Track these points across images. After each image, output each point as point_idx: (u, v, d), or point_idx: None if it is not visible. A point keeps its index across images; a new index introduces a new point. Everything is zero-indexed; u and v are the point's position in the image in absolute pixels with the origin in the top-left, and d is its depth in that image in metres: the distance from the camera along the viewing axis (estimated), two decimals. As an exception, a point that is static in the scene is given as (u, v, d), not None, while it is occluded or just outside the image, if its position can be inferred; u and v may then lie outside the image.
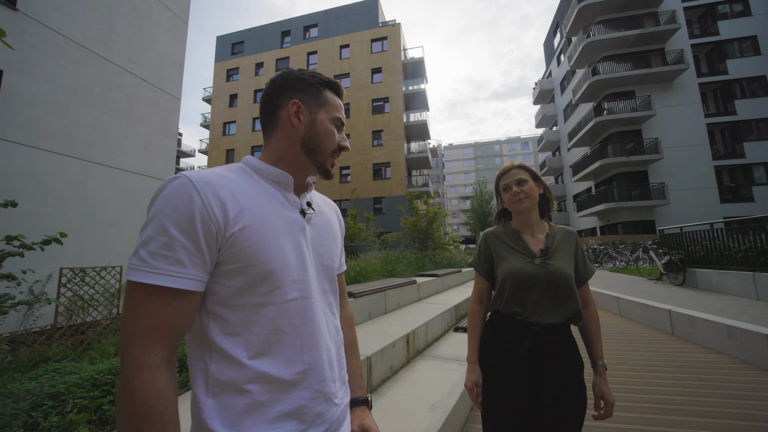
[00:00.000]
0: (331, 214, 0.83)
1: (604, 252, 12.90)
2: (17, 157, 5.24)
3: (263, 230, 0.59)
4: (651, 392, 2.71)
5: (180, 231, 0.52)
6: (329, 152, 0.71)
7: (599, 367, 1.13)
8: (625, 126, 20.23)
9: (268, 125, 0.70)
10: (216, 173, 0.60)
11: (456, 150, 66.40)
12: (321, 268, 0.70)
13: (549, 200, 1.28)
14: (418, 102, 25.74)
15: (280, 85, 0.70)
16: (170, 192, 0.54)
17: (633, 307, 5.45)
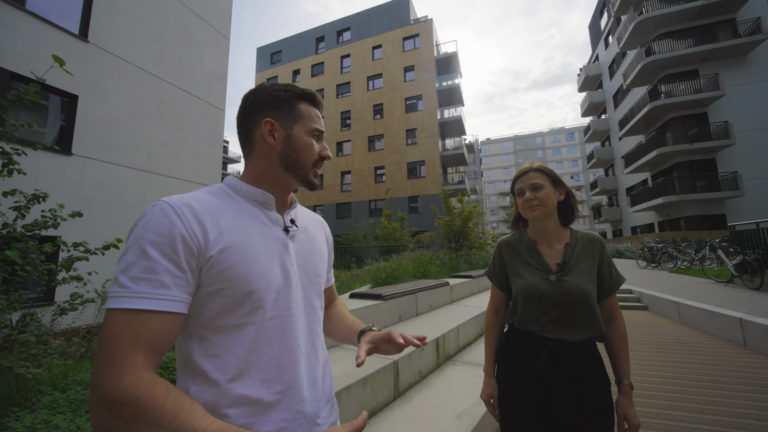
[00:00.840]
0: (318, 231, 0.82)
1: (663, 251, 11.68)
2: (91, 171, 5.98)
3: (243, 250, 0.59)
4: (716, 412, 2.42)
5: (161, 254, 0.52)
6: (310, 165, 0.71)
7: (624, 386, 1.04)
8: (686, 110, 18.14)
9: (245, 145, 0.71)
10: (195, 197, 0.60)
11: (494, 144, 63.96)
12: (308, 284, 0.70)
13: (572, 207, 1.18)
14: (453, 97, 25.17)
15: (252, 104, 0.69)
16: (150, 218, 0.54)
17: (696, 314, 4.89)
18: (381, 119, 24.09)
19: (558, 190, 1.14)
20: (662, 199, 17.65)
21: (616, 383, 1.06)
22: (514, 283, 1.14)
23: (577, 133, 56.99)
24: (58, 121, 5.79)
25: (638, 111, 19.52)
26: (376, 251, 10.35)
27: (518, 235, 1.23)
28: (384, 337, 0.76)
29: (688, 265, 10.75)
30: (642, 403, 2.58)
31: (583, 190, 54.85)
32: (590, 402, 0.99)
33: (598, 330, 1.04)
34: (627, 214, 25.16)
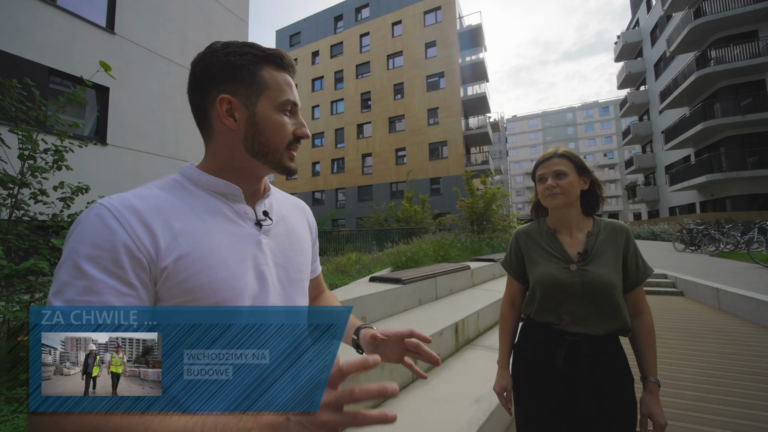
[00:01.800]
0: (298, 217, 0.72)
1: (703, 233, 10.91)
2: (125, 160, 6.31)
3: (205, 256, 0.50)
4: (754, 407, 2.29)
5: (102, 270, 0.43)
6: (283, 148, 0.58)
7: (650, 383, 0.99)
8: (739, 77, 16.34)
9: (202, 128, 0.59)
10: (141, 194, 0.50)
11: (521, 122, 61.03)
12: (288, 283, 0.61)
13: (598, 196, 1.10)
14: (477, 73, 24.06)
15: (202, 77, 0.56)
16: (85, 227, 0.45)
17: (738, 301, 4.58)
18: (402, 99, 23.54)
19: (583, 179, 1.07)
20: (706, 177, 16.32)
21: (642, 380, 1.01)
22: (532, 273, 1.10)
23: (612, 107, 53.10)
24: (94, 113, 6.10)
25: (683, 81, 17.83)
26: (397, 234, 10.38)
27: (537, 224, 1.17)
28: (404, 334, 0.65)
29: (732, 249, 10.01)
30: (672, 394, 2.49)
31: (617, 168, 51.70)
32: (610, 399, 0.96)
33: (621, 323, 0.99)
34: (665, 193, 23.56)
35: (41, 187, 2.24)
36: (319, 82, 27.47)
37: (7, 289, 1.88)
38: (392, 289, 3.38)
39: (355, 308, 2.88)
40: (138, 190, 0.52)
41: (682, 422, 2.14)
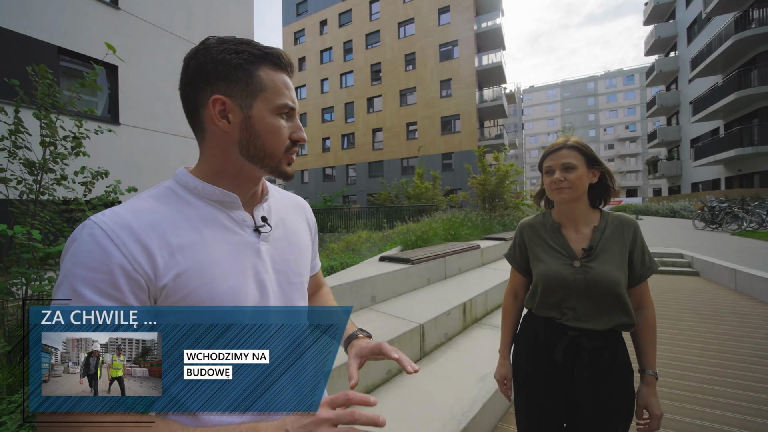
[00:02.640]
0: (297, 218, 0.71)
1: (726, 210, 10.50)
2: (139, 139, 6.39)
3: (204, 271, 0.50)
4: (760, 390, 2.30)
5: (99, 293, 0.43)
6: (280, 154, 0.56)
7: (648, 375, 1.00)
8: (785, 40, 14.98)
9: (195, 127, 0.56)
10: (135, 209, 0.49)
11: (538, 93, 58.22)
12: (287, 287, 0.61)
13: (608, 188, 1.06)
14: (493, 41, 22.76)
15: (195, 74, 0.53)
16: (79, 247, 0.44)
17: (756, 283, 4.48)
18: (413, 70, 22.66)
19: (592, 171, 1.03)
20: (735, 152, 15.47)
21: (640, 372, 1.03)
22: (535, 268, 1.09)
23: (638, 75, 49.82)
24: (105, 92, 6.13)
25: (718, 45, 16.46)
26: (408, 212, 10.37)
27: (542, 217, 1.15)
28: (374, 349, 0.65)
29: (756, 227, 9.66)
30: (678, 375, 2.52)
31: (639, 141, 49.38)
32: (609, 391, 0.98)
33: (625, 319, 0.99)
34: (688, 168, 22.54)
35: (63, 173, 2.31)
36: (327, 53, 26.59)
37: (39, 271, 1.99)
38: (401, 269, 3.43)
39: (364, 288, 2.96)
40: (132, 204, 0.50)
41: (686, 403, 2.17)
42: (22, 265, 1.93)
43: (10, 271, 1.80)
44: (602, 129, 52.74)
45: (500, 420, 2.04)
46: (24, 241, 1.79)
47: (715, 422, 1.98)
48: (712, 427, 1.94)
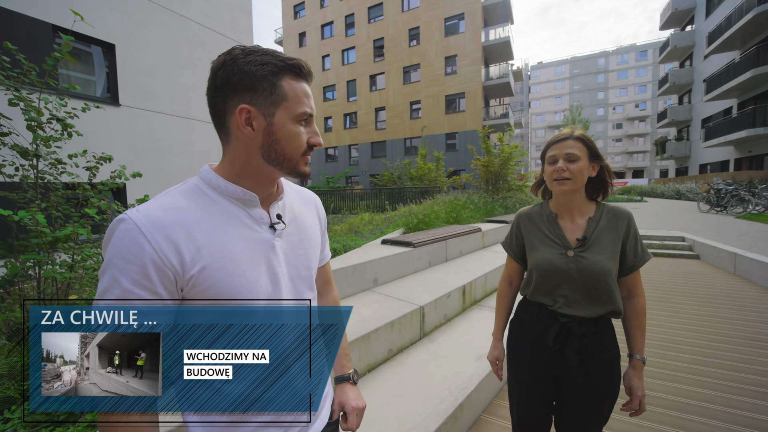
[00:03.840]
0: (309, 213, 0.77)
1: (732, 193, 10.39)
2: (139, 120, 6.34)
3: (226, 265, 0.56)
4: (746, 371, 2.39)
5: (133, 282, 0.51)
6: (298, 156, 0.62)
7: (635, 360, 1.05)
8: (809, 13, 14.23)
9: (220, 131, 0.62)
10: (165, 205, 0.55)
11: (546, 69, 56.27)
12: (298, 279, 0.68)
13: (605, 182, 1.08)
14: (500, 14, 21.82)
15: (222, 84, 0.57)
16: (117, 240, 0.51)
17: (754, 267, 4.51)
18: (417, 46, 21.92)
19: (593, 165, 1.05)
20: (747, 132, 15.09)
21: (628, 356, 1.08)
22: (530, 256, 1.13)
23: (651, 50, 47.81)
24: (103, 72, 6.02)
25: (738, 19, 15.69)
26: (410, 193, 10.36)
27: (539, 207, 1.18)
28: (341, 406, 0.79)
29: (761, 210, 9.58)
30: (670, 357, 2.61)
31: (648, 120, 48.12)
32: (597, 374, 1.03)
33: (613, 307, 1.03)
34: (697, 149, 22.09)
35: (57, 157, 2.27)
36: (328, 28, 25.67)
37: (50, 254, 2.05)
38: (403, 252, 3.49)
39: (366, 271, 3.03)
40: (163, 200, 0.56)
41: (676, 383, 2.27)
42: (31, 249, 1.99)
43: (21, 258, 1.86)
44: (611, 108, 51.31)
45: (495, 397, 2.15)
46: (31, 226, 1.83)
47: (700, 400, 2.07)
48: (698, 405, 2.03)
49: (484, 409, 2.03)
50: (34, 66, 2.12)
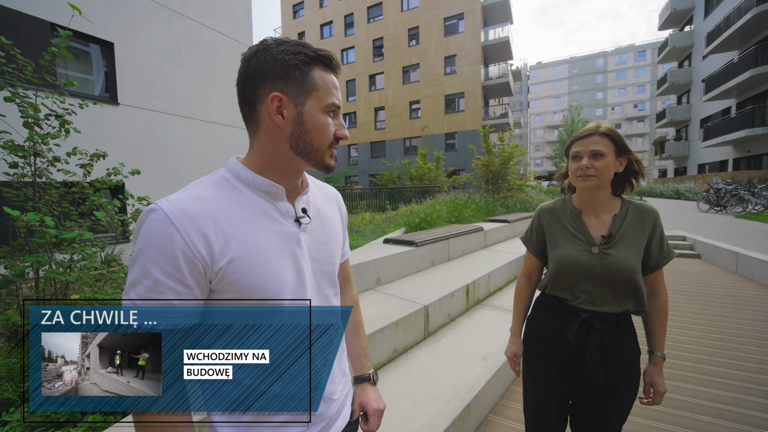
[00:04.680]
0: (331, 208, 0.77)
1: (732, 193, 10.41)
2: (139, 120, 6.30)
3: (253, 258, 0.56)
4: (751, 370, 2.37)
5: (164, 273, 0.50)
6: (325, 148, 0.62)
7: (656, 357, 1.04)
8: (807, 13, 14.27)
9: (249, 121, 0.61)
10: (195, 196, 0.55)
11: (545, 69, 56.32)
12: (320, 274, 0.68)
13: (637, 174, 1.04)
14: (499, 14, 21.83)
15: (255, 72, 0.57)
16: (148, 230, 0.51)
17: (756, 266, 4.51)
18: (416, 46, 21.90)
19: (619, 160, 1.01)
20: (746, 132, 15.12)
21: (648, 353, 1.06)
22: (552, 252, 1.10)
23: (650, 51, 47.91)
24: (101, 71, 5.98)
25: (737, 19, 15.73)
26: (411, 193, 10.34)
27: (561, 202, 1.14)
28: (362, 406, 0.79)
29: (761, 210, 9.60)
30: (674, 356, 2.59)
31: (647, 121, 48.21)
32: (617, 370, 1.01)
33: (637, 306, 1.01)
34: (696, 149, 22.13)
35: (55, 155, 2.22)
36: (328, 28, 25.64)
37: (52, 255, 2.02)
38: (405, 251, 3.47)
39: (369, 270, 3.01)
40: (192, 191, 0.56)
41: (682, 382, 2.25)
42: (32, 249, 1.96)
43: (26, 258, 1.82)
44: (610, 108, 51.40)
45: (501, 397, 2.13)
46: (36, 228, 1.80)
47: (709, 400, 2.05)
48: (707, 405, 2.01)
49: (491, 409, 2.01)
50: (29, 61, 2.08)
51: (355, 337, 0.87)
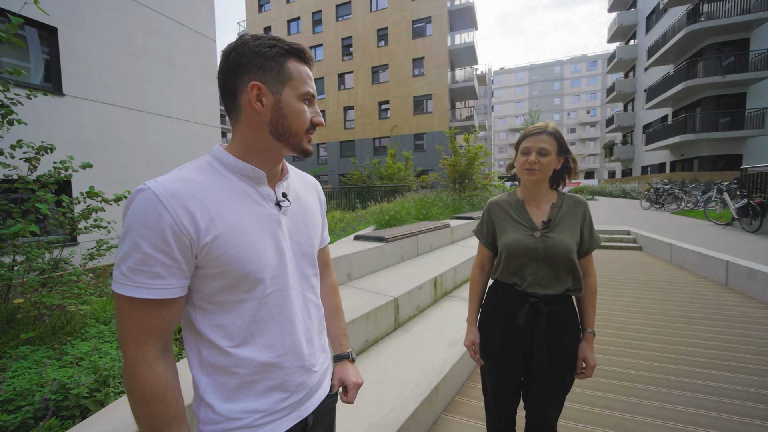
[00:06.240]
0: (310, 195, 0.81)
1: (669, 192, 11.60)
2: (87, 112, 5.82)
3: (236, 235, 0.60)
4: (680, 343, 2.71)
5: (153, 247, 0.53)
6: (302, 133, 0.66)
7: (587, 333, 1.18)
8: (727, 34, 16.22)
9: (231, 110, 0.65)
10: (182, 178, 0.58)
11: (508, 75, 59.09)
12: (300, 255, 0.72)
13: (571, 170, 1.19)
14: (465, 19, 22.63)
15: (234, 64, 0.61)
16: (137, 207, 0.54)
17: (686, 255, 5.09)
18: (385, 47, 22.10)
19: (559, 159, 1.15)
20: (679, 138, 16.89)
21: (581, 330, 1.20)
22: (501, 239, 1.21)
23: (600, 61, 51.96)
24: (40, 58, 5.46)
25: (672, 36, 17.54)
26: (381, 192, 10.44)
27: (507, 195, 1.28)
28: (341, 381, 0.86)
29: (692, 207, 10.77)
30: (618, 335, 2.88)
31: (599, 126, 52.20)
32: (562, 350, 1.14)
33: (576, 284, 1.14)
34: (640, 152, 24.34)
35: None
36: (295, 24, 25.13)
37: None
38: (376, 247, 3.54)
39: (340, 266, 3.03)
40: (178, 174, 0.59)
41: (624, 357, 2.52)
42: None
43: None
44: (566, 113, 55.02)
45: (467, 379, 2.26)
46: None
47: (644, 371, 2.32)
48: (641, 374, 2.28)
49: (458, 390, 2.13)
50: None
51: (335, 319, 0.92)
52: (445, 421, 1.86)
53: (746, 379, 2.20)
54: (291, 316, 0.67)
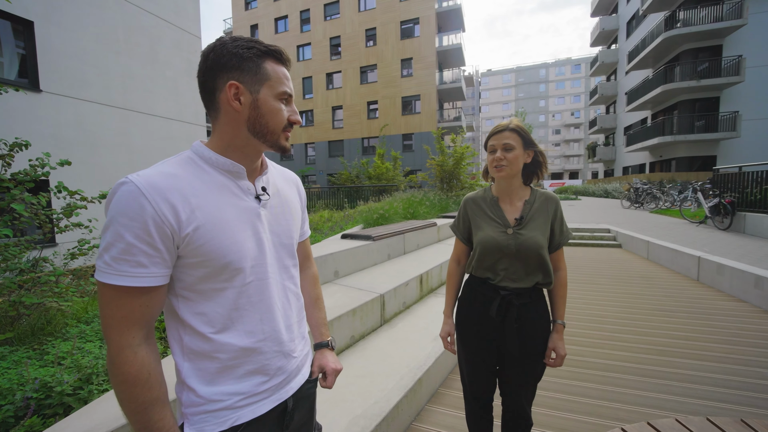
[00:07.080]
0: (290, 190, 0.83)
1: (647, 191, 12.03)
2: (66, 110, 5.66)
3: (217, 226, 0.62)
4: (653, 335, 2.84)
5: (136, 237, 0.55)
6: (279, 131, 0.69)
7: (557, 324, 1.24)
8: (702, 41, 16.91)
9: (210, 108, 0.67)
10: (163, 172, 0.60)
11: (495, 77, 59.96)
12: (280, 247, 0.75)
13: (541, 165, 1.24)
14: (453, 21, 22.87)
15: (213, 64, 0.64)
16: (120, 200, 0.55)
17: (662, 252, 5.31)
18: (374, 47, 22.13)
19: (527, 152, 1.20)
20: (658, 139, 17.50)
21: (552, 322, 1.27)
22: (475, 235, 1.26)
23: (584, 64, 53.29)
24: (14, 52, 5.28)
25: (651, 41, 18.16)
26: (369, 192, 10.48)
27: (483, 192, 1.33)
28: (321, 368, 0.90)
29: (669, 206, 11.20)
30: (596, 328, 3.00)
31: (582, 127, 53.50)
32: (532, 340, 1.21)
33: (546, 276, 1.20)
34: (621, 153, 25.08)
35: None
36: (283, 22, 24.89)
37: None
38: (363, 245, 3.57)
39: (327, 263, 3.06)
40: (160, 168, 0.61)
41: (601, 348, 2.63)
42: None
43: None
44: (551, 115, 56.19)
45: (450, 372, 2.32)
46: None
47: (619, 360, 2.43)
48: (617, 364, 2.38)
49: (441, 383, 2.19)
50: None
51: (315, 309, 0.96)
52: (428, 412, 1.91)
53: (711, 366, 2.33)
54: (270, 303, 0.70)
